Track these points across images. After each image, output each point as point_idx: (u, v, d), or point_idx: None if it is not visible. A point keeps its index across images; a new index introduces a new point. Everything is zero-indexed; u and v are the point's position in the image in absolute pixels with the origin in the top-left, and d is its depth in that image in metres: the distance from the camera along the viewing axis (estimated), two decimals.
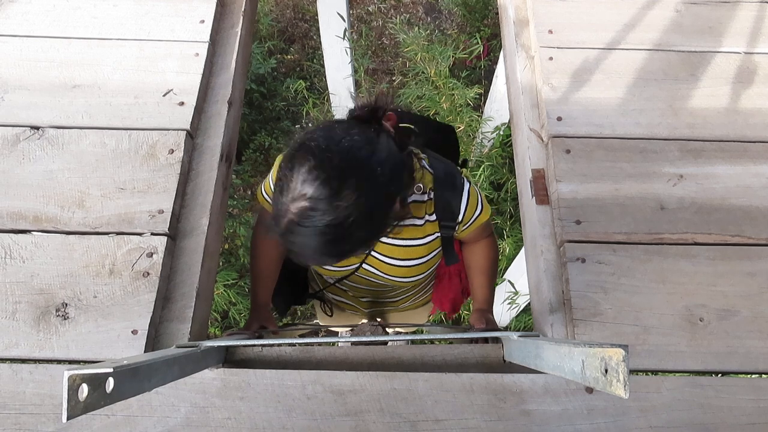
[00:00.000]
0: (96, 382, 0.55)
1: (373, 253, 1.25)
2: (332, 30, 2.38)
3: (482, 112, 3.11)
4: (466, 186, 1.18)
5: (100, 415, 0.92)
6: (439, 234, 1.21)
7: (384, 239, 1.19)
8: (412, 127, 1.30)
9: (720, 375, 1.00)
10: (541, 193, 1.15)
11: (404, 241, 1.21)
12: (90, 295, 1.00)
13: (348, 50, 2.50)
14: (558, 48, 1.30)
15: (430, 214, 1.17)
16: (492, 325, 1.26)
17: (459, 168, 1.26)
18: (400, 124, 1.31)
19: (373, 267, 1.29)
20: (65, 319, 0.98)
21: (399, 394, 0.95)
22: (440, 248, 1.26)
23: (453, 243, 1.25)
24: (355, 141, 0.87)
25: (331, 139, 0.87)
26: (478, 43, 2.90)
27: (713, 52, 1.31)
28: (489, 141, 2.99)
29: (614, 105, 1.23)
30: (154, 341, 0.99)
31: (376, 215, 0.90)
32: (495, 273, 1.39)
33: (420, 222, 1.18)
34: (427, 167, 1.16)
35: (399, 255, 1.24)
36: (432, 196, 1.15)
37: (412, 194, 1.12)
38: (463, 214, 1.18)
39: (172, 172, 1.12)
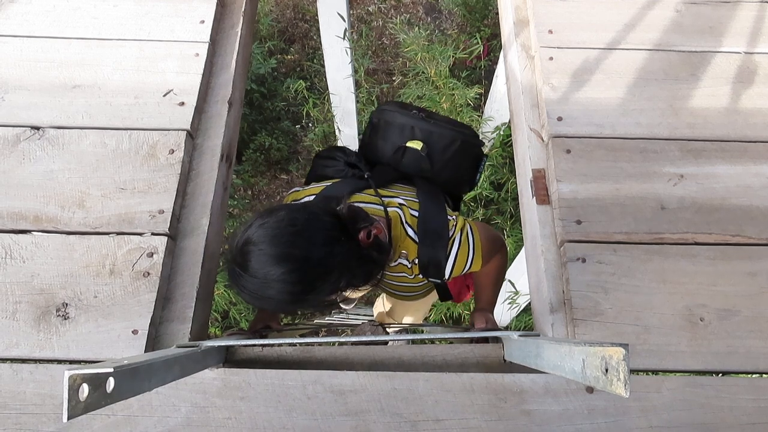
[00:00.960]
0: (96, 381, 0.55)
1: None
2: (332, 30, 2.38)
3: (482, 112, 3.11)
4: (454, 249, 1.15)
5: (101, 415, 0.92)
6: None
7: None
8: (419, 149, 1.28)
9: (720, 375, 1.00)
10: (542, 193, 1.15)
11: (399, 282, 1.27)
12: (90, 295, 1.00)
13: (348, 50, 2.49)
14: (558, 48, 1.30)
15: (418, 274, 1.19)
16: (492, 325, 1.26)
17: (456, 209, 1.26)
18: (408, 144, 1.30)
19: None
20: (65, 319, 0.98)
21: (399, 393, 0.95)
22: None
23: (446, 286, 1.28)
24: (311, 241, 0.92)
25: (293, 229, 0.92)
26: (478, 43, 2.90)
27: (714, 52, 1.31)
28: (489, 141, 2.99)
29: (614, 105, 1.23)
30: (154, 341, 0.99)
31: (298, 302, 0.94)
32: (501, 279, 1.38)
33: (410, 276, 1.22)
34: (412, 236, 1.14)
35: (395, 289, 1.31)
36: (416, 262, 1.16)
37: (384, 267, 1.12)
38: (450, 272, 1.17)
39: (172, 172, 1.12)
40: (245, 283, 0.90)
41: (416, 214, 1.16)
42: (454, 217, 1.19)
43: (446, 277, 1.18)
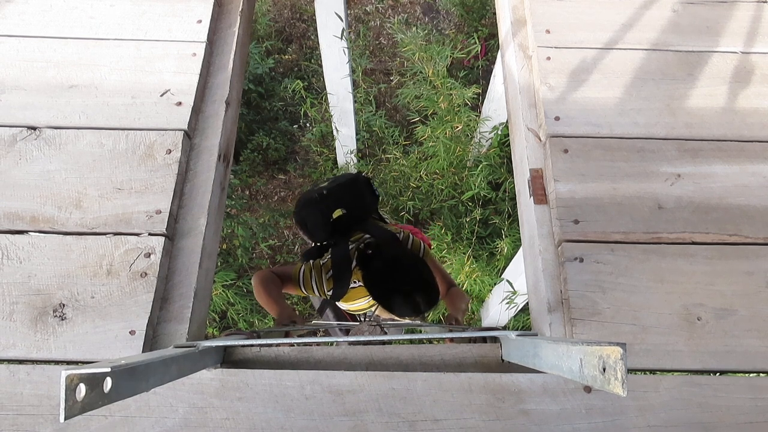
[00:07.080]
0: (94, 381, 0.55)
1: None
2: (330, 30, 2.38)
3: (480, 111, 3.11)
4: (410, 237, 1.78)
5: (98, 416, 0.92)
6: None
7: None
8: (342, 214, 1.74)
9: (718, 374, 1.00)
10: (539, 193, 1.15)
11: None
12: (87, 296, 0.99)
13: (346, 50, 2.49)
14: (556, 48, 1.30)
15: None
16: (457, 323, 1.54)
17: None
18: (334, 216, 1.74)
19: None
20: (63, 319, 0.97)
21: (397, 393, 0.95)
22: None
23: None
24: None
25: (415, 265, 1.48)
26: (475, 42, 2.90)
27: (711, 52, 1.31)
28: (487, 141, 2.99)
29: (612, 105, 1.23)
30: (152, 342, 0.99)
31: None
32: (463, 296, 1.78)
33: None
34: None
35: None
36: None
37: None
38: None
39: (169, 172, 1.11)
40: (426, 300, 1.40)
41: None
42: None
43: None
